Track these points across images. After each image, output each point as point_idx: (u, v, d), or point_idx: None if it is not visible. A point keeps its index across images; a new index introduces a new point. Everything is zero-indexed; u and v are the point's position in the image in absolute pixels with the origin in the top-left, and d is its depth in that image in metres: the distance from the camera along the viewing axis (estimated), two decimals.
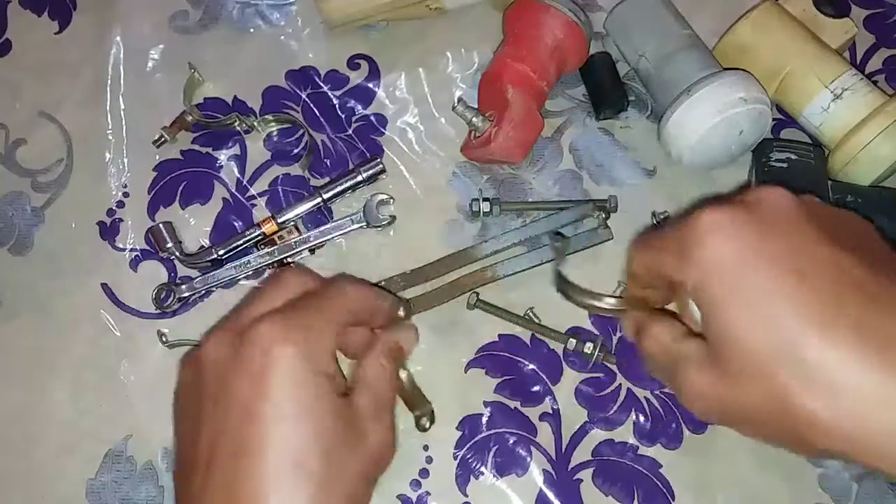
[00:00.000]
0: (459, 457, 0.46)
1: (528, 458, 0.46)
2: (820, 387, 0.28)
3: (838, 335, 0.28)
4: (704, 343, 0.33)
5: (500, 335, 0.49)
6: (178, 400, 0.37)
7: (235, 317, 0.37)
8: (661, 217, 0.50)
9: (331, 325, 0.36)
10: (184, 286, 0.50)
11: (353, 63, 0.56)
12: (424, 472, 0.46)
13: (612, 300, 0.41)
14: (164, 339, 0.49)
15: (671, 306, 0.39)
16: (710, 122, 0.46)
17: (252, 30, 0.57)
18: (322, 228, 0.51)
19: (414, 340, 0.43)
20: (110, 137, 0.55)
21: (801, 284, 0.30)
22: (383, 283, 0.48)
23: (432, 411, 0.45)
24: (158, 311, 0.50)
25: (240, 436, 0.32)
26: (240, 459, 0.32)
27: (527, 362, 0.48)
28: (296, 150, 0.54)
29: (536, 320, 0.48)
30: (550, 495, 0.45)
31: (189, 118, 0.54)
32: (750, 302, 0.30)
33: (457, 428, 0.47)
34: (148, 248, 0.52)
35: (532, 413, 0.47)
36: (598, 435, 0.47)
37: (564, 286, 0.42)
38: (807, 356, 0.29)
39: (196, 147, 0.54)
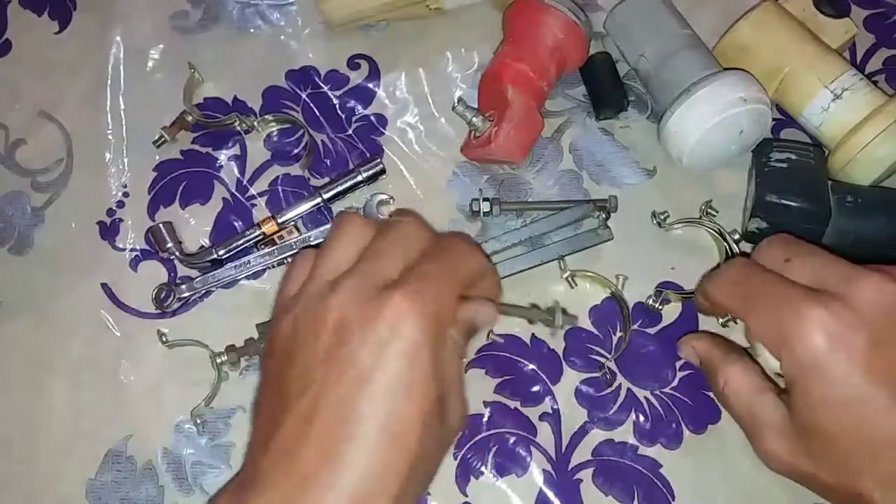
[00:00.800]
0: (459, 457, 0.46)
1: (528, 458, 0.46)
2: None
3: None
4: (784, 407, 0.36)
5: (499, 335, 0.49)
6: (288, 335, 0.35)
7: (366, 268, 0.35)
8: (662, 217, 0.50)
9: (455, 298, 0.36)
10: (184, 286, 0.50)
11: (353, 63, 0.56)
12: None
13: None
14: (163, 338, 0.49)
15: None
16: (710, 122, 0.46)
17: (252, 30, 0.57)
18: (322, 228, 0.51)
19: (492, 318, 0.38)
20: (110, 137, 0.55)
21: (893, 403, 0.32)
22: None
23: (555, 309, 0.40)
24: (158, 311, 0.50)
25: (349, 402, 0.32)
26: (344, 425, 0.32)
27: (527, 362, 0.48)
28: (296, 150, 0.54)
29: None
30: (550, 495, 0.45)
31: (189, 118, 0.54)
32: (847, 406, 0.33)
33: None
34: (148, 248, 0.52)
35: (532, 413, 0.47)
36: (598, 435, 0.47)
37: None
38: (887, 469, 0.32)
39: (196, 147, 0.54)
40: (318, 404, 0.32)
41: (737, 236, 0.49)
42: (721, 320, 0.47)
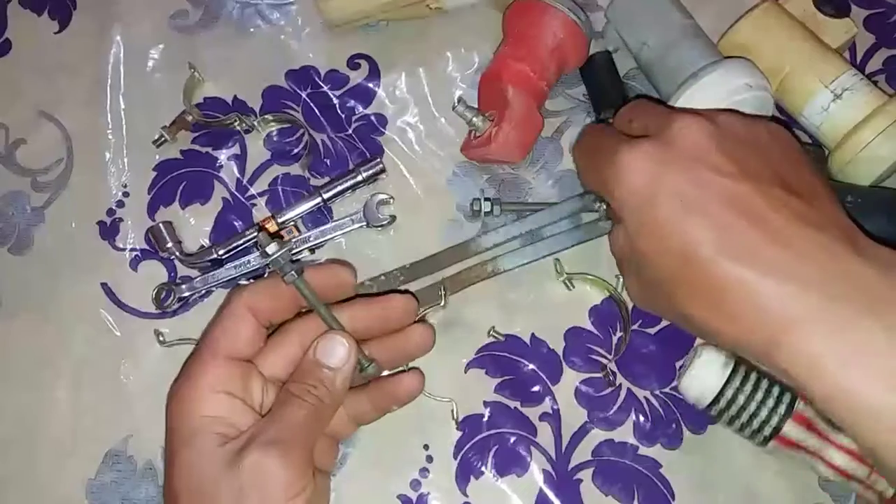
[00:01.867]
0: (460, 457, 0.46)
1: (528, 458, 0.46)
2: (705, 300, 0.34)
3: (722, 260, 0.33)
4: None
5: (501, 334, 0.49)
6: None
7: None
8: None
9: None
10: (184, 286, 0.50)
11: (353, 63, 0.56)
12: (424, 472, 0.46)
13: None
14: (160, 338, 0.49)
15: None
16: (716, 107, 0.46)
17: (252, 29, 0.57)
18: (322, 228, 0.51)
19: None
20: (110, 137, 0.55)
21: (687, 217, 0.34)
22: (382, 277, 0.48)
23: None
24: (158, 311, 0.50)
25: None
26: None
27: (527, 362, 0.48)
28: (296, 150, 0.54)
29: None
30: (550, 495, 0.45)
31: (189, 118, 0.54)
32: (653, 234, 0.35)
33: (457, 428, 0.47)
34: (148, 247, 0.52)
35: (532, 413, 0.47)
36: (598, 435, 0.47)
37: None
38: (693, 279, 0.34)
39: (196, 147, 0.54)
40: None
41: None
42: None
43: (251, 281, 0.51)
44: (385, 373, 0.44)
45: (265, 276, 0.50)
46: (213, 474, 0.35)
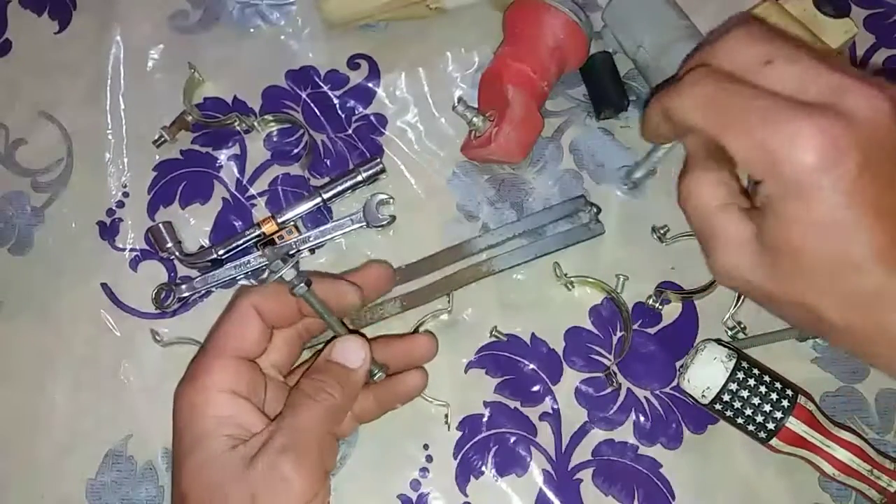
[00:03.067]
0: (460, 457, 0.46)
1: (528, 458, 0.46)
2: (854, 311, 0.32)
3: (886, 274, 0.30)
4: (751, 223, 0.33)
5: (502, 334, 0.49)
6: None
7: None
8: (662, 232, 0.50)
9: None
10: (184, 286, 0.50)
11: (353, 63, 0.56)
12: (424, 472, 0.46)
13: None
14: (157, 337, 0.49)
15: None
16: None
17: (252, 30, 0.57)
18: (322, 228, 0.51)
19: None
20: (110, 137, 0.55)
21: (860, 220, 0.30)
22: None
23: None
24: (158, 311, 0.50)
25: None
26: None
27: (527, 362, 0.48)
28: (296, 150, 0.54)
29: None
30: (550, 495, 0.45)
31: (189, 118, 0.54)
32: (824, 228, 0.31)
33: (457, 428, 0.47)
34: (148, 247, 0.52)
35: (532, 413, 0.47)
36: (598, 435, 0.47)
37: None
38: (862, 287, 0.31)
39: (196, 147, 0.54)
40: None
41: None
42: (731, 332, 0.47)
43: (252, 282, 0.51)
44: None
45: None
46: (224, 479, 0.34)
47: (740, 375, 0.43)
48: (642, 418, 0.47)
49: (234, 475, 0.34)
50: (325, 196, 0.51)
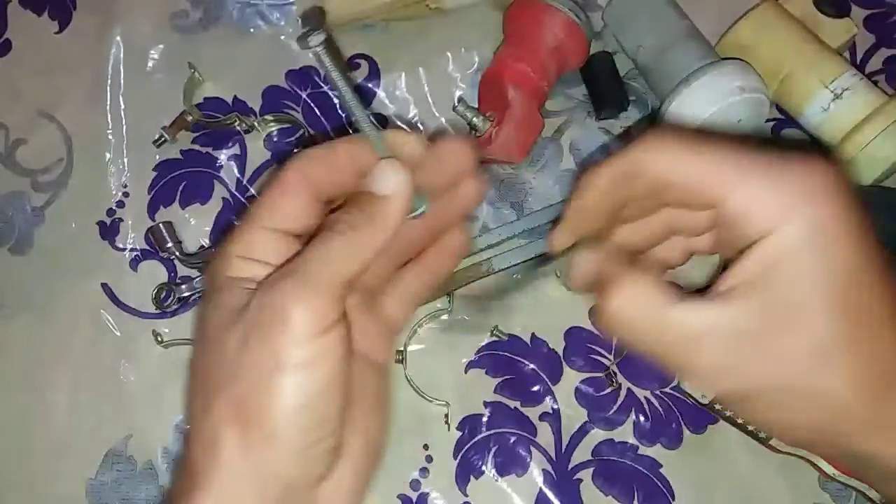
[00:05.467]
0: (460, 457, 0.46)
1: (528, 458, 0.46)
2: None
3: None
4: (728, 306, 0.28)
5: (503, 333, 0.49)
6: None
7: None
8: None
9: None
10: (184, 286, 0.50)
11: (353, 63, 0.56)
12: (424, 472, 0.46)
13: None
14: (159, 338, 0.49)
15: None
16: (707, 111, 0.46)
17: (252, 30, 0.57)
18: None
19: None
20: (110, 137, 0.55)
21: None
22: None
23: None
24: (158, 311, 0.50)
25: None
26: None
27: (527, 362, 0.48)
28: (296, 150, 0.54)
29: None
30: (550, 495, 0.45)
31: (189, 118, 0.54)
32: (837, 279, 0.27)
33: (457, 428, 0.47)
34: (148, 247, 0.52)
35: (532, 413, 0.47)
36: (598, 435, 0.47)
37: None
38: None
39: (196, 147, 0.54)
40: None
41: None
42: None
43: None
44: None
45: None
46: (223, 321, 0.29)
47: None
48: (642, 418, 0.47)
49: (232, 315, 0.28)
50: None
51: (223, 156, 0.54)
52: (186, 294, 0.50)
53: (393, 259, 0.35)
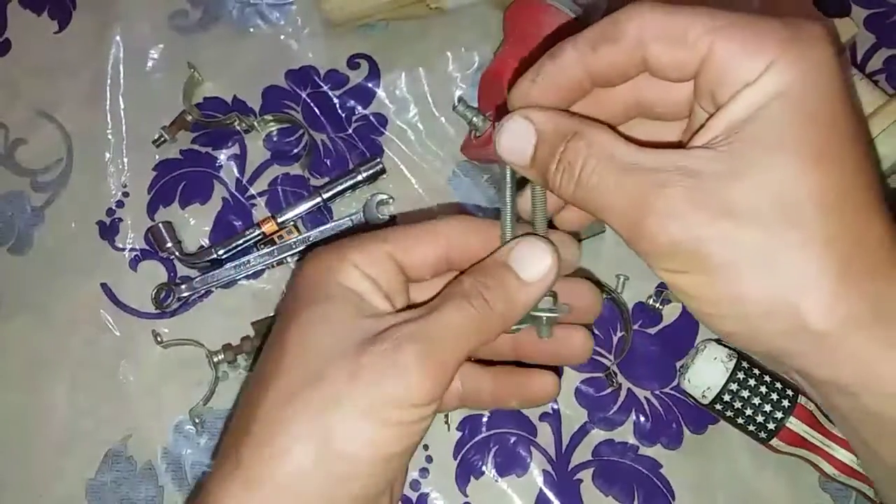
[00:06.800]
0: (460, 457, 0.46)
1: (528, 459, 0.46)
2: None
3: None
4: (698, 151, 0.25)
5: None
6: None
7: None
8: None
9: None
10: (183, 286, 0.50)
11: (353, 63, 0.56)
12: (424, 472, 0.46)
13: None
14: (158, 338, 0.49)
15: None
16: None
17: (252, 29, 0.57)
18: (322, 228, 0.51)
19: None
20: (110, 137, 0.55)
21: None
22: None
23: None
24: (158, 311, 0.50)
25: None
26: None
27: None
28: (296, 150, 0.54)
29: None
30: (550, 495, 0.45)
31: (189, 118, 0.54)
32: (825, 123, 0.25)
33: (457, 428, 0.47)
34: (148, 247, 0.52)
35: (532, 413, 0.47)
36: (598, 435, 0.46)
37: None
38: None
39: (196, 147, 0.54)
40: None
41: None
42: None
43: (251, 281, 0.51)
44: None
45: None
46: (333, 345, 0.28)
47: (741, 375, 0.43)
48: (642, 418, 0.47)
49: (346, 345, 0.28)
50: (325, 196, 0.51)
51: (223, 156, 0.54)
52: (186, 294, 0.50)
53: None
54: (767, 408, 0.43)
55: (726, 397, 0.43)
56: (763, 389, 0.43)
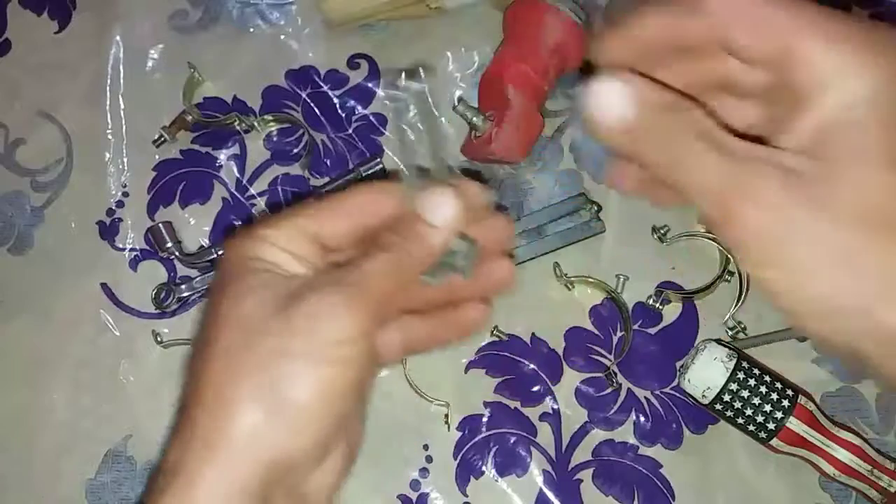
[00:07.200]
0: (460, 457, 0.46)
1: (528, 459, 0.46)
2: None
3: None
4: (787, 152, 0.25)
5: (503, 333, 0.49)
6: None
7: None
8: (662, 232, 0.49)
9: None
10: (183, 286, 0.50)
11: (353, 63, 0.56)
12: (425, 472, 0.46)
13: None
14: (159, 338, 0.49)
15: None
16: None
17: (252, 29, 0.57)
18: None
19: None
20: (110, 137, 0.55)
21: None
22: None
23: None
24: (158, 311, 0.50)
25: None
26: None
27: (527, 362, 0.48)
28: (296, 150, 0.54)
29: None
30: (550, 495, 0.45)
31: (189, 118, 0.54)
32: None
33: (457, 428, 0.47)
34: (148, 247, 0.52)
35: (532, 413, 0.47)
36: (598, 435, 0.46)
37: None
38: None
39: (196, 147, 0.54)
40: None
41: None
42: (731, 332, 0.47)
43: None
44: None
45: None
46: (264, 306, 0.29)
47: (741, 375, 0.43)
48: (642, 418, 0.47)
49: (275, 304, 0.29)
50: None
51: (223, 155, 0.54)
52: (186, 294, 0.50)
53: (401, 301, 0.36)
54: (767, 408, 0.43)
55: (726, 397, 0.43)
56: (763, 389, 0.43)
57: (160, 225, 0.51)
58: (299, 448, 0.29)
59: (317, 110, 0.55)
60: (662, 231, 0.49)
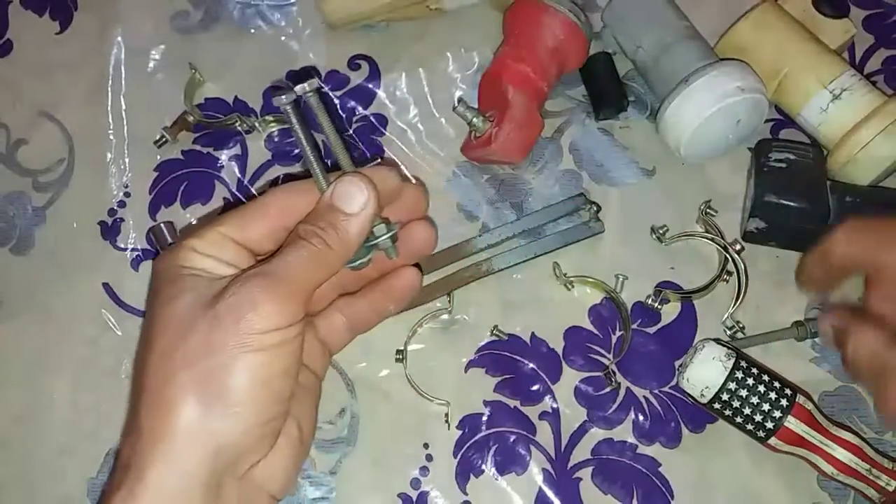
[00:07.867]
0: (460, 455, 0.46)
1: (528, 457, 0.46)
2: None
3: None
4: None
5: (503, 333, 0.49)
6: None
7: None
8: (661, 231, 0.50)
9: None
10: None
11: (353, 63, 0.56)
12: (425, 471, 0.47)
13: None
14: None
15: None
16: (707, 111, 0.46)
17: (253, 30, 0.57)
18: None
19: None
20: (111, 137, 0.55)
21: None
22: None
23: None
24: None
25: None
26: None
27: (526, 361, 0.48)
28: (296, 151, 0.54)
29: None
30: (550, 494, 0.45)
31: (190, 118, 0.54)
32: None
33: (457, 427, 0.47)
34: (149, 247, 0.52)
35: (532, 412, 0.47)
36: (597, 434, 0.47)
37: None
38: None
39: (197, 147, 0.55)
40: None
41: (738, 247, 0.49)
42: (730, 332, 0.48)
43: None
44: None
45: None
46: (193, 307, 0.31)
47: (739, 375, 0.43)
48: (641, 417, 0.47)
49: (202, 303, 0.31)
50: None
51: (224, 156, 0.54)
52: None
53: (334, 286, 0.38)
54: (766, 407, 0.43)
55: (725, 396, 0.43)
56: (761, 388, 0.43)
57: (162, 225, 0.51)
58: (241, 433, 0.30)
59: None
60: (661, 231, 0.50)
